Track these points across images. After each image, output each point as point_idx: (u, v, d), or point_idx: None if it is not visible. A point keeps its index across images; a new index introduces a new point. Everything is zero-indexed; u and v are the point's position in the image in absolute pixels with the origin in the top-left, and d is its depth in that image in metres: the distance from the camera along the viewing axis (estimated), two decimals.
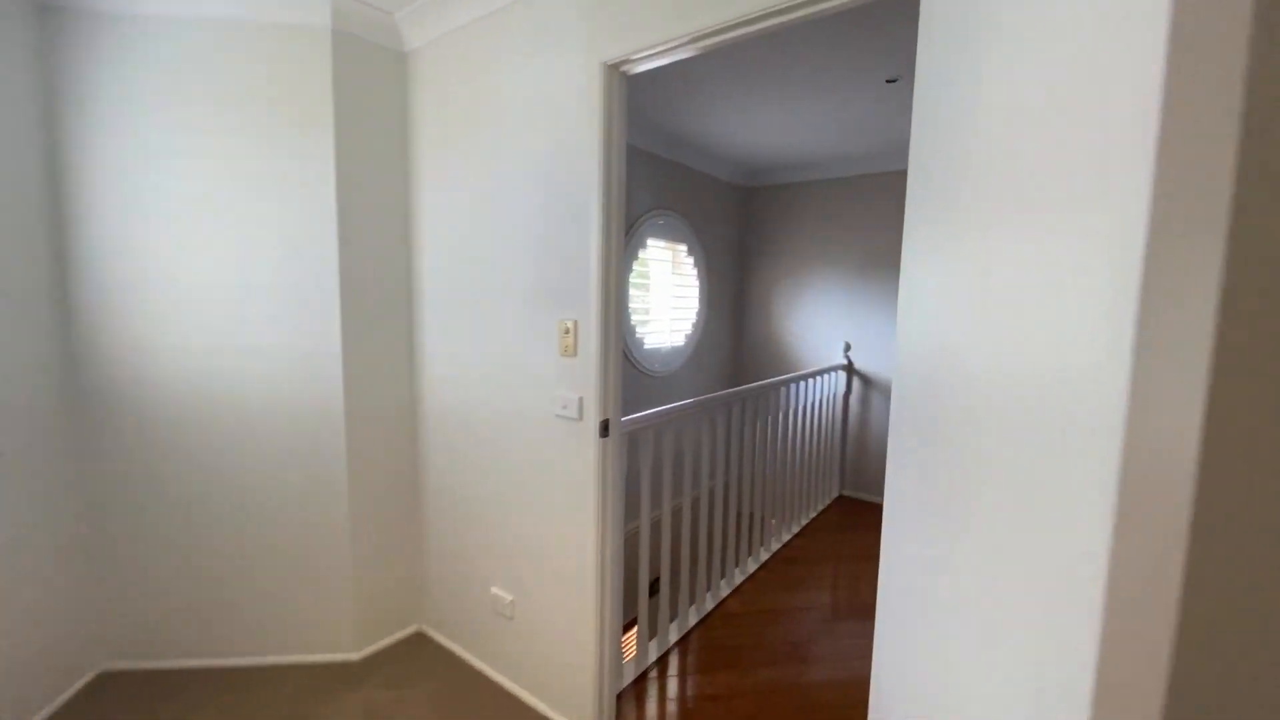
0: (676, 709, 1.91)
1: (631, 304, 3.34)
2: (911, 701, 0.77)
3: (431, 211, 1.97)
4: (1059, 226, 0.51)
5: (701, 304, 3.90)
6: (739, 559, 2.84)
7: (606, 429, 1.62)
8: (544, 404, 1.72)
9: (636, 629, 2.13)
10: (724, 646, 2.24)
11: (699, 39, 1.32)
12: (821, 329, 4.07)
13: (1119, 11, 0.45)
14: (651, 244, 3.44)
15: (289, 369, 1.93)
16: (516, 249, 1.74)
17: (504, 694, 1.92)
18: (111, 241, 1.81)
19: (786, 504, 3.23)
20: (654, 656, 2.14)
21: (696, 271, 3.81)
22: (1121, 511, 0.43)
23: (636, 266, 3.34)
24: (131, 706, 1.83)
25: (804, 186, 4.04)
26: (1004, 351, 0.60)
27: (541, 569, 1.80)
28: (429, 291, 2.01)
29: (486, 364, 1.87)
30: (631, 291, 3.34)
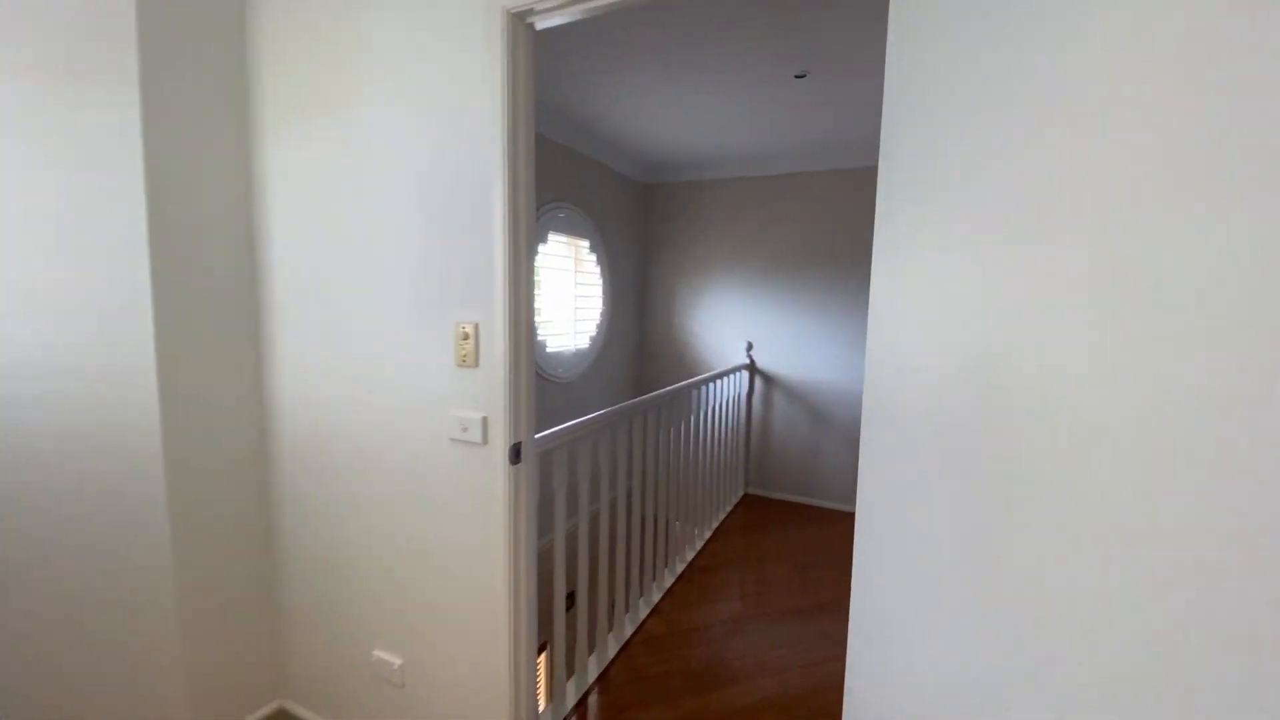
0: None
1: None
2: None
3: (283, 185, 1.57)
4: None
5: (606, 304, 3.70)
6: (656, 573, 2.68)
7: (518, 454, 1.36)
8: (437, 426, 1.41)
9: (551, 663, 1.88)
10: (649, 676, 2.06)
11: None
12: (723, 329, 4.05)
13: None
14: (553, 238, 3.17)
15: (80, 391, 1.44)
16: (400, 234, 1.41)
17: None
18: None
19: (698, 509, 3.13)
20: (574, 699, 1.91)
21: (600, 269, 3.60)
22: None
23: (536, 262, 3.05)
24: None
25: (708, 185, 3.98)
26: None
27: (439, 626, 1.49)
28: (282, 288, 1.61)
29: (361, 378, 1.51)
30: None
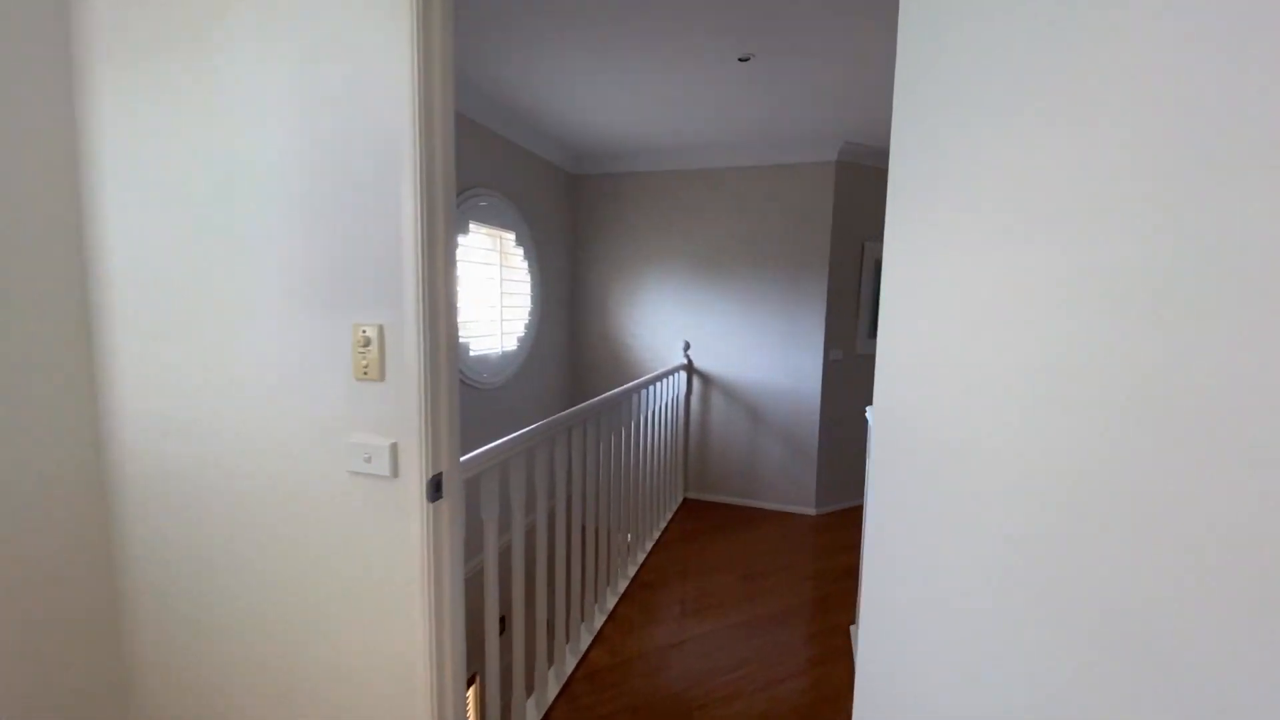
0: None
1: None
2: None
3: (122, 146, 1.20)
4: None
5: (535, 302, 3.42)
6: (597, 593, 2.45)
7: (439, 488, 1.09)
8: (332, 456, 1.12)
9: (482, 701, 1.61)
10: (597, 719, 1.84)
11: None
12: (660, 328, 3.88)
13: None
14: (475, 229, 2.86)
15: None
16: (281, 214, 1.10)
17: None
18: None
19: (639, 519, 2.94)
20: None
21: (528, 264, 3.32)
22: None
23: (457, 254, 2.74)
24: None
25: (643, 178, 3.79)
26: None
27: (336, 712, 1.19)
28: (124, 281, 1.24)
29: (230, 395, 1.18)
30: None
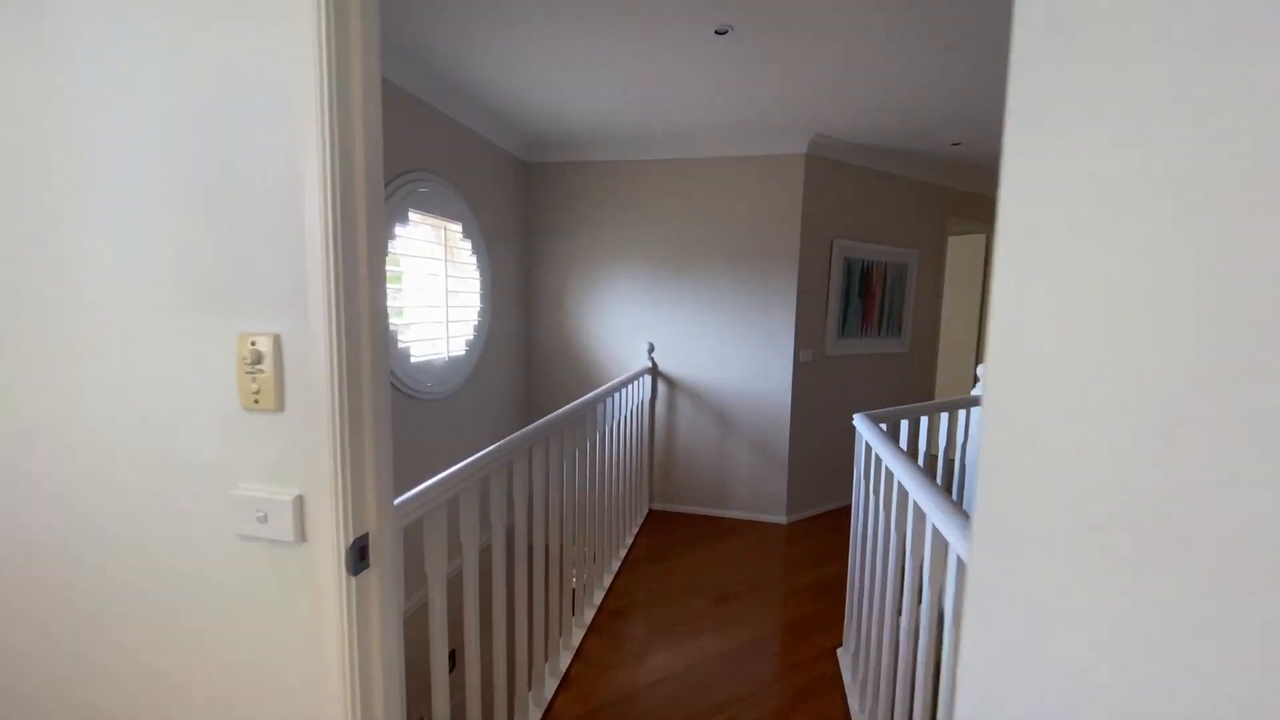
0: None
1: (389, 301, 2.38)
2: None
3: None
4: None
5: (485, 301, 3.10)
6: (562, 626, 2.18)
7: (364, 554, 0.81)
8: (211, 515, 0.81)
9: None
10: None
11: None
12: (622, 328, 3.63)
13: None
14: (414, 218, 2.52)
15: None
16: (137, 182, 0.79)
17: None
18: None
19: (602, 538, 2.68)
20: None
21: (477, 259, 2.99)
22: None
23: (393, 248, 2.40)
24: None
25: (603, 169, 3.52)
26: None
27: None
28: None
29: (69, 439, 0.85)
30: (388, 285, 2.38)
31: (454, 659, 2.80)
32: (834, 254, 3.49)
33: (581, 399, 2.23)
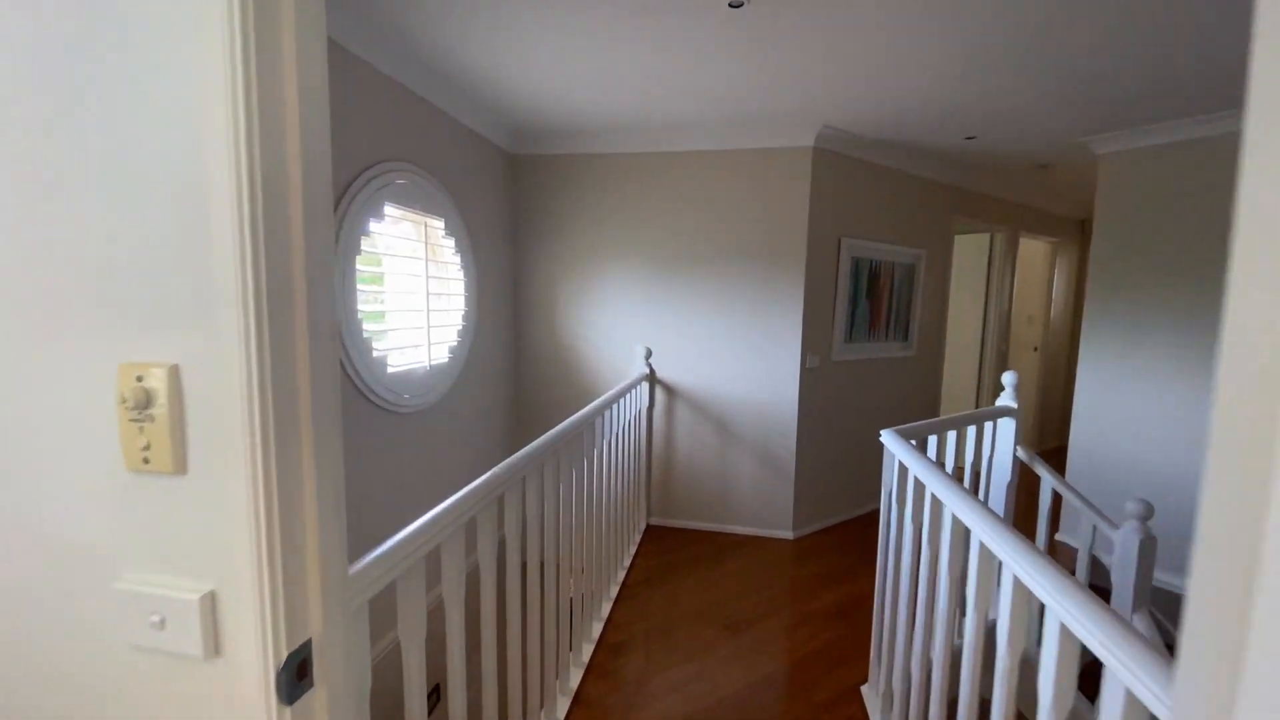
0: None
1: (362, 305, 2.14)
2: None
3: None
4: None
5: (470, 304, 2.85)
6: (559, 669, 1.96)
7: (304, 669, 0.58)
8: (89, 618, 0.58)
9: None
10: None
11: None
12: (617, 332, 3.41)
13: None
14: (390, 212, 2.27)
15: None
16: None
17: None
18: None
19: (600, 562, 2.46)
20: None
21: (461, 258, 2.75)
22: None
23: (366, 246, 2.15)
24: None
25: (598, 160, 3.30)
26: None
27: None
28: None
29: None
30: (361, 285, 2.14)
31: (438, 693, 2.56)
32: (842, 253, 3.30)
33: (578, 414, 2.00)
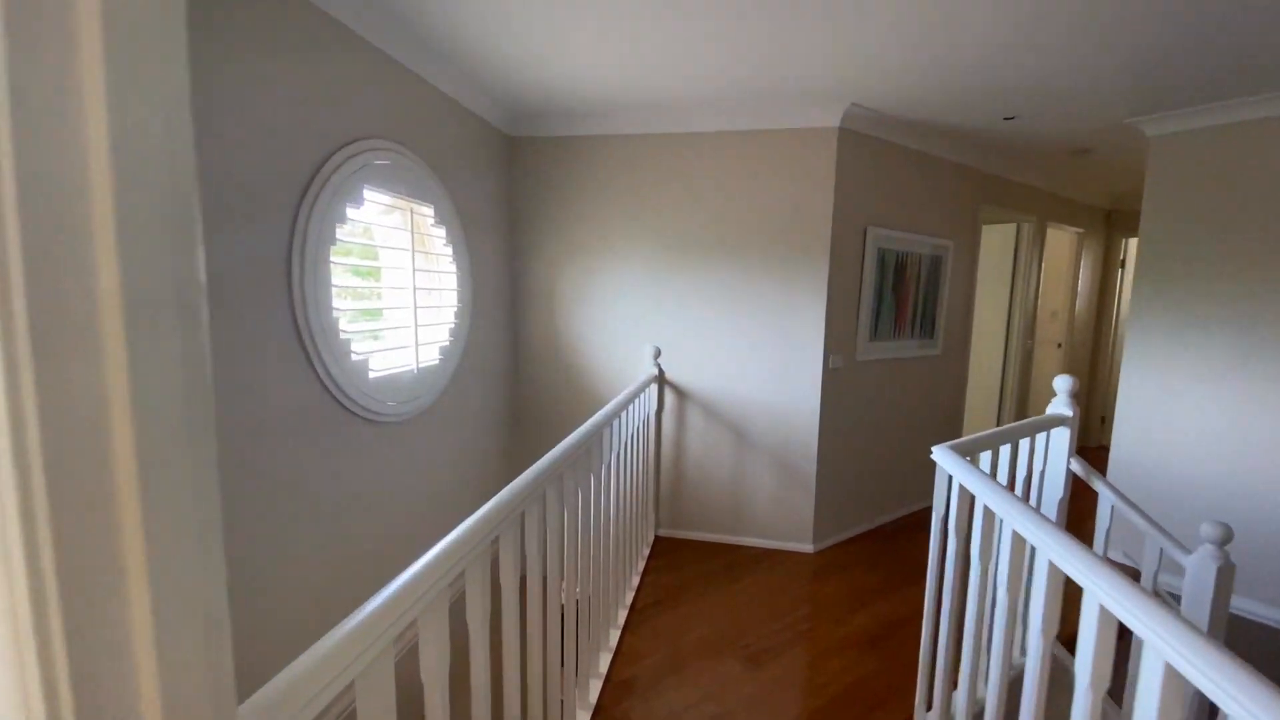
0: None
1: (339, 303, 1.88)
2: None
3: None
4: None
5: (464, 300, 2.60)
6: (565, 711, 1.72)
7: None
8: None
9: None
10: None
11: None
12: (623, 330, 3.16)
13: None
14: (370, 196, 2.01)
15: None
16: None
17: None
18: None
19: (607, 584, 2.21)
20: None
21: (453, 249, 2.49)
22: None
23: (342, 237, 1.89)
24: None
25: (602, 142, 3.03)
26: None
27: None
28: None
29: None
30: (339, 280, 1.88)
31: None
32: (868, 244, 3.04)
33: (583, 428, 1.75)
